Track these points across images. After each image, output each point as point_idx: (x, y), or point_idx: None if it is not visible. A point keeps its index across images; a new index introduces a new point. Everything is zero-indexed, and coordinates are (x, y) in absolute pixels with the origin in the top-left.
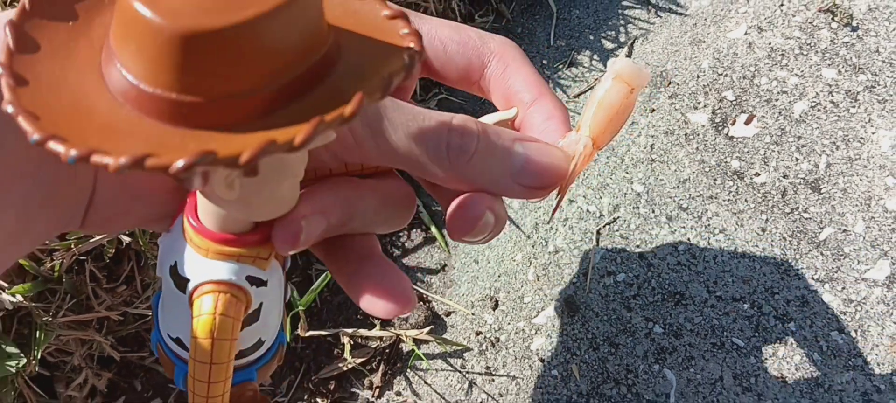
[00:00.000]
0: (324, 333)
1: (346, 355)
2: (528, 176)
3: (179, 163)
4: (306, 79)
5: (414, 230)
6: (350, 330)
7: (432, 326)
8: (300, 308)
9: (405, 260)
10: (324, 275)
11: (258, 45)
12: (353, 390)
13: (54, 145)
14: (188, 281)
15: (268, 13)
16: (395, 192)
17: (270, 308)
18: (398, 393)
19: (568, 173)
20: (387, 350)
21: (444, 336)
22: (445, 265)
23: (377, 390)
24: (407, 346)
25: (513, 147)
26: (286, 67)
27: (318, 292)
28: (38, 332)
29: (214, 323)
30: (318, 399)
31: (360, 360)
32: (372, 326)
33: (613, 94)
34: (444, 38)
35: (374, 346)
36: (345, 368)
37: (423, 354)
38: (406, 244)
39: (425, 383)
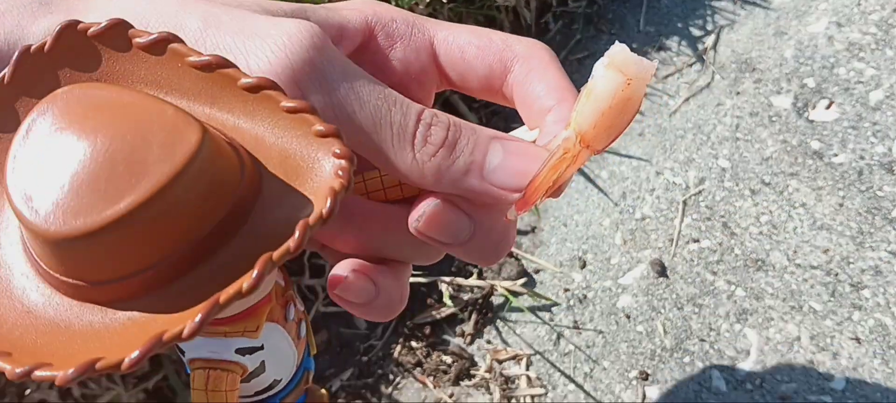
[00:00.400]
0: (422, 281)
1: (446, 299)
2: (499, 174)
3: (66, 374)
4: (211, 241)
5: None
6: (448, 279)
7: (524, 279)
8: None
9: None
10: None
11: (137, 231)
12: (445, 336)
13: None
14: (184, 352)
15: (142, 203)
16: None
17: (276, 358)
18: (488, 341)
19: (540, 172)
20: (479, 301)
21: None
22: (535, 227)
23: (469, 337)
24: (497, 299)
25: (489, 143)
26: (179, 240)
27: None
28: None
29: (207, 398)
30: (413, 343)
31: (453, 310)
32: (469, 275)
33: (605, 85)
34: (463, 43)
35: (465, 298)
36: (438, 316)
37: (515, 307)
38: None
39: (515, 333)
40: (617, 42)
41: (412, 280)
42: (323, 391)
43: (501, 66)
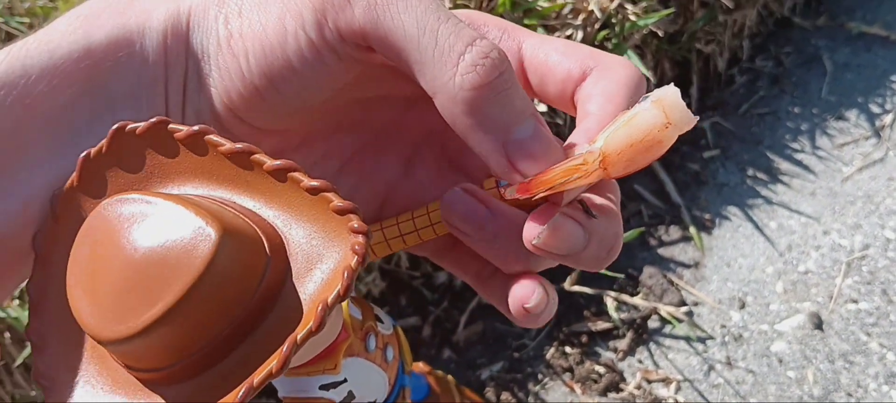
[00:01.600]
0: (586, 291)
1: (611, 312)
2: (517, 149)
3: None
4: (245, 325)
5: (672, 226)
6: (613, 294)
7: (686, 309)
8: None
9: (660, 251)
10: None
11: (170, 330)
12: (598, 348)
13: None
14: (277, 390)
15: (169, 309)
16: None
17: (365, 386)
18: (640, 361)
19: (556, 168)
20: (637, 321)
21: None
22: (698, 263)
23: (622, 353)
24: (653, 323)
25: (527, 114)
26: (213, 329)
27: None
28: None
29: None
30: (567, 348)
31: (609, 325)
32: (634, 294)
33: (645, 119)
34: (549, 49)
35: (622, 316)
36: (594, 328)
37: (670, 333)
38: (663, 237)
39: (666, 358)
40: (672, 85)
41: (575, 289)
42: (449, 377)
43: (580, 72)
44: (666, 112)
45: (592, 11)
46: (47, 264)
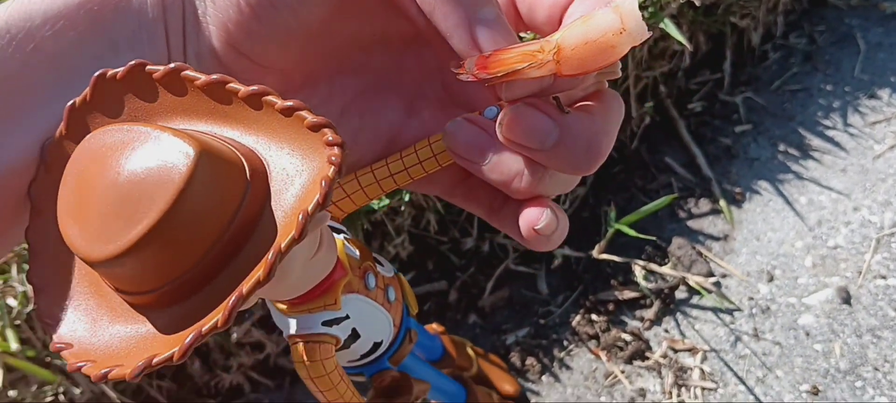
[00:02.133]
0: (614, 259)
1: (640, 280)
2: (481, 29)
3: (134, 370)
4: (231, 245)
5: (702, 198)
6: (642, 262)
7: (714, 279)
8: (615, 226)
9: (689, 223)
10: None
11: (157, 249)
12: (624, 317)
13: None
14: (282, 331)
15: (153, 226)
16: None
17: (368, 324)
18: (666, 330)
19: (509, 51)
20: (664, 291)
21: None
22: (728, 235)
23: (649, 322)
24: (680, 294)
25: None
26: (200, 247)
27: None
28: None
29: (306, 370)
30: (594, 316)
31: (636, 294)
32: (662, 263)
33: (602, 20)
34: None
35: (649, 286)
36: (621, 297)
37: (697, 304)
38: (692, 209)
39: (693, 328)
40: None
41: (603, 257)
42: (464, 341)
43: None
44: (622, 17)
45: None
46: (42, 212)
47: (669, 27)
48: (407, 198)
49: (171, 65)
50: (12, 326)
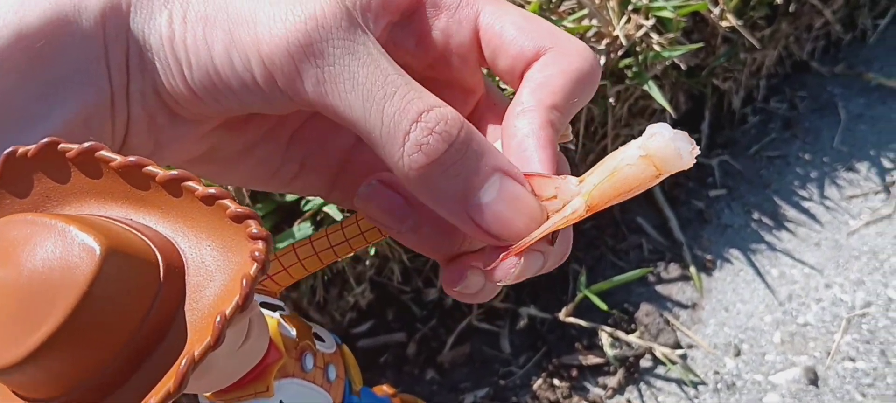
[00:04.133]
0: (580, 323)
1: (606, 349)
2: (485, 214)
3: None
4: (142, 345)
5: (672, 264)
6: (608, 329)
7: (681, 351)
8: (583, 293)
9: (658, 288)
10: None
11: (62, 352)
12: (587, 383)
13: None
14: None
15: (56, 330)
16: None
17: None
18: (629, 401)
19: (529, 234)
20: (630, 359)
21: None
22: (696, 304)
23: (611, 391)
24: (645, 362)
25: (489, 176)
26: (110, 349)
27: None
28: None
29: None
30: (556, 380)
31: (600, 361)
32: (631, 332)
33: (635, 172)
34: (507, 21)
35: (614, 353)
36: (585, 362)
37: (662, 375)
38: (662, 274)
39: (656, 400)
40: (663, 125)
41: (569, 320)
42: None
43: (533, 52)
44: (656, 163)
45: (617, 37)
46: None
47: (653, 90)
48: (372, 250)
49: (86, 144)
50: None
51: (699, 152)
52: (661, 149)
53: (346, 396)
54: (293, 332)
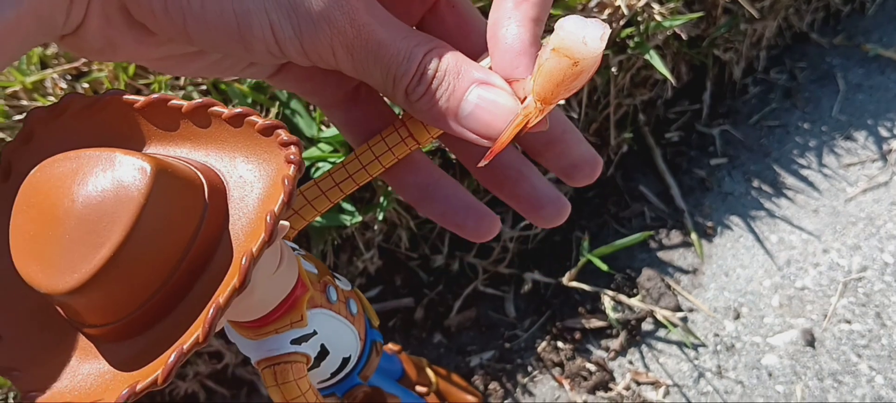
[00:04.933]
0: (584, 287)
1: (608, 311)
2: (471, 122)
3: (119, 400)
4: (194, 264)
5: (674, 230)
6: (610, 292)
7: (682, 314)
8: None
9: (659, 254)
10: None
11: (121, 273)
12: (589, 346)
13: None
14: (249, 358)
15: (115, 251)
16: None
17: (335, 339)
18: (631, 362)
19: (504, 132)
20: (631, 322)
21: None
22: (697, 269)
23: (614, 353)
24: (646, 326)
25: (467, 89)
26: (163, 268)
27: (606, 253)
28: (382, 197)
29: (280, 393)
30: (560, 343)
31: (602, 324)
32: (632, 295)
33: (554, 65)
34: None
35: (616, 317)
36: (588, 325)
37: (663, 338)
38: (664, 240)
39: (657, 361)
40: (571, 17)
41: (572, 285)
42: (423, 360)
43: None
44: (566, 54)
45: (619, 7)
46: None
47: (654, 60)
48: (381, 216)
49: (155, 95)
50: None
51: (608, 34)
52: (565, 40)
53: (368, 330)
54: (315, 268)
